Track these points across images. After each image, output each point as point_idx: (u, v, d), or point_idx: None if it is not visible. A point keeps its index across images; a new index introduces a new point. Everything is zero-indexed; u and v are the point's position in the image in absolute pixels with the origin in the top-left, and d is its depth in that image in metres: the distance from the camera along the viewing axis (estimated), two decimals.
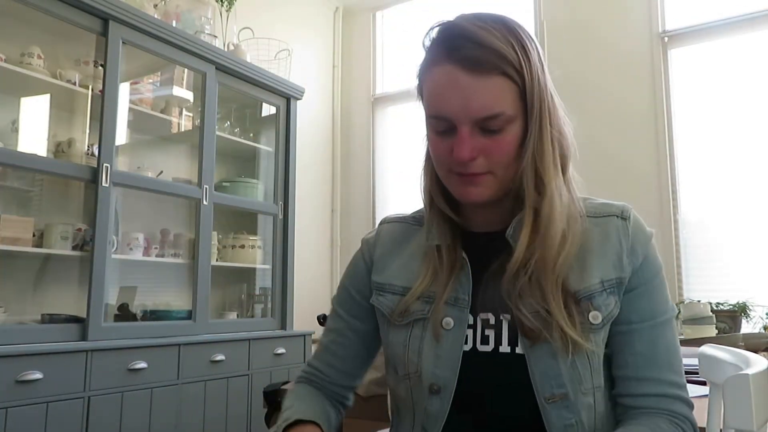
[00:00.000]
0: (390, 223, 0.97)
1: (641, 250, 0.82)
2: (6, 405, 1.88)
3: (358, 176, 4.19)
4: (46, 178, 2.41)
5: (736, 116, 3.01)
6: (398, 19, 4.25)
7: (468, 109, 0.75)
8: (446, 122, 0.78)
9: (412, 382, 0.84)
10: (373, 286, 0.91)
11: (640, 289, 0.82)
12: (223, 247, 3.07)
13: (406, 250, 0.91)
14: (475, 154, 0.77)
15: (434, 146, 0.82)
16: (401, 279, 0.89)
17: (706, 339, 1.93)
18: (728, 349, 0.93)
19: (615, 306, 0.80)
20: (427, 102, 0.80)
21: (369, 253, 0.95)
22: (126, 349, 2.26)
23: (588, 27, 3.42)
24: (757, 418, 0.69)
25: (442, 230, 0.86)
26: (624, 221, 0.83)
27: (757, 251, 2.89)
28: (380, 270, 0.92)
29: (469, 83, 0.75)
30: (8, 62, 2.22)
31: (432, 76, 0.79)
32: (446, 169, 0.81)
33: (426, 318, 0.84)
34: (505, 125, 0.77)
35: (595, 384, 0.79)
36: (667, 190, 3.13)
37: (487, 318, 0.82)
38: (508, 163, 0.79)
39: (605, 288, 0.80)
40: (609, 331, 0.81)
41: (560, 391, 0.77)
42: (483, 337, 0.82)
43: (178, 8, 2.89)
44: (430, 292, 0.85)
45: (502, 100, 0.76)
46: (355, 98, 4.29)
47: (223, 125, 3.11)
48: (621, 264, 0.81)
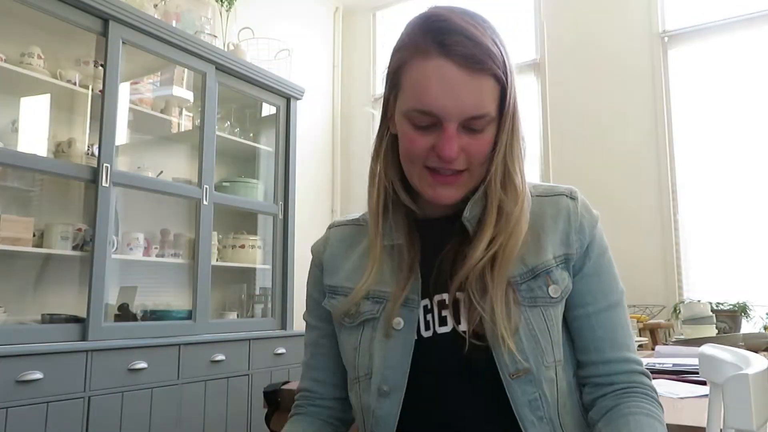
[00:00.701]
0: (339, 226, 0.97)
1: (588, 231, 0.84)
2: (6, 405, 1.88)
3: (358, 176, 4.19)
4: (46, 178, 2.41)
5: (735, 116, 3.01)
6: (398, 19, 4.25)
7: (459, 107, 0.74)
8: (431, 118, 0.76)
9: (362, 386, 0.83)
10: (326, 290, 0.91)
11: (590, 270, 0.84)
12: (223, 247, 3.07)
13: (356, 252, 0.90)
14: (460, 153, 0.77)
15: (411, 141, 0.78)
16: (352, 281, 0.87)
17: (706, 339, 1.93)
18: (728, 349, 0.93)
19: (569, 281, 0.82)
20: (412, 94, 0.77)
21: (318, 258, 0.95)
22: (126, 349, 2.26)
23: (588, 27, 3.42)
24: (757, 418, 0.69)
25: (401, 228, 0.85)
26: (573, 201, 0.85)
27: (757, 251, 2.89)
28: (331, 273, 0.91)
29: (462, 80, 0.73)
30: (8, 62, 2.22)
31: (420, 68, 0.75)
32: (420, 166, 0.79)
33: (376, 318, 0.83)
34: (486, 125, 0.77)
35: (557, 358, 0.80)
36: (667, 190, 3.13)
37: (443, 299, 0.82)
38: (483, 160, 0.79)
39: (557, 263, 0.82)
40: (567, 315, 0.84)
41: (524, 366, 0.77)
42: (441, 319, 0.81)
43: (178, 8, 2.90)
44: (379, 292, 0.84)
45: (489, 100, 0.76)
46: (355, 98, 4.29)
47: (223, 125, 3.11)
48: (569, 240, 0.83)
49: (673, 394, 1.16)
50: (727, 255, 2.97)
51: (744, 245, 2.93)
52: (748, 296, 2.69)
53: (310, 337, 0.96)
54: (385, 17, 4.32)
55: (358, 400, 0.85)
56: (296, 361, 2.99)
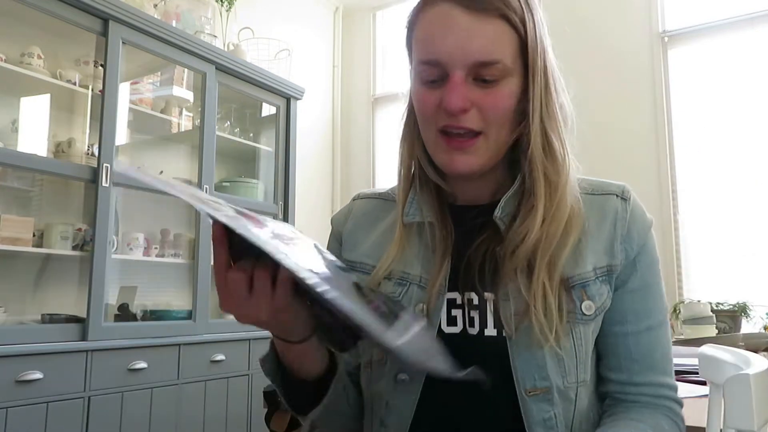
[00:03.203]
0: (364, 199, 0.90)
1: (638, 239, 0.76)
2: (6, 405, 1.88)
3: (358, 176, 4.19)
4: (46, 178, 2.41)
5: (736, 116, 3.01)
6: (398, 19, 4.23)
7: (464, 51, 0.68)
8: (438, 68, 0.70)
9: (374, 372, 0.77)
10: (344, 264, 0.84)
11: (635, 284, 0.75)
12: None
13: (380, 228, 0.84)
14: (468, 105, 0.69)
15: (421, 99, 0.73)
16: (373, 258, 0.81)
17: (706, 339, 1.93)
18: (728, 349, 0.93)
19: (608, 297, 0.74)
20: (418, 47, 0.72)
21: (338, 230, 0.88)
22: (126, 349, 2.26)
23: (588, 27, 3.42)
24: (757, 418, 0.69)
25: (431, 206, 0.78)
26: (624, 202, 0.77)
27: (757, 251, 2.89)
28: (351, 247, 0.84)
29: (467, 23, 0.68)
30: (8, 62, 2.22)
31: (425, 16, 0.71)
32: (434, 129, 0.73)
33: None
34: (501, 76, 0.69)
35: (580, 379, 0.73)
36: (667, 190, 3.13)
37: (471, 298, 0.75)
38: (503, 121, 0.71)
39: (597, 276, 0.74)
40: (601, 330, 0.76)
41: (543, 384, 0.71)
42: (470, 319, 0.74)
43: (178, 8, 2.89)
44: (402, 273, 0.77)
45: (502, 46, 0.69)
46: (355, 98, 4.29)
47: (223, 125, 3.11)
48: (613, 250, 0.75)
49: None
50: (727, 255, 2.96)
51: (744, 245, 2.92)
52: (748, 296, 2.69)
53: None
54: (385, 17, 4.32)
55: (367, 386, 0.79)
56: None
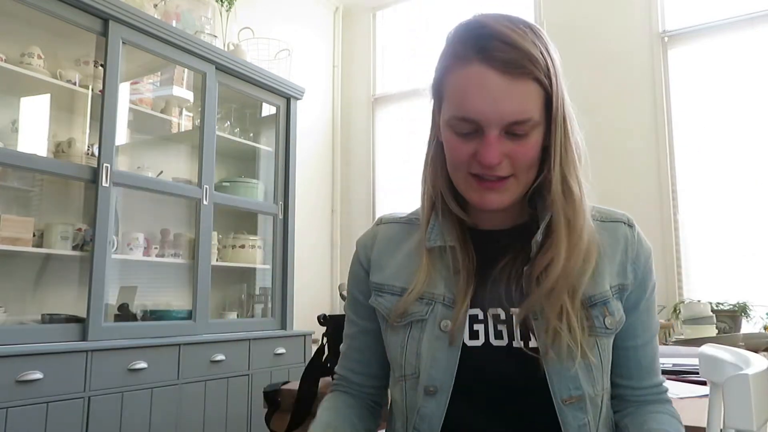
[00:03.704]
0: (388, 224, 0.96)
1: (644, 263, 0.85)
2: (6, 405, 1.88)
3: (358, 176, 4.19)
4: (46, 178, 2.41)
5: (736, 116, 3.01)
6: (398, 19, 4.25)
7: (499, 113, 0.73)
8: (472, 124, 0.75)
9: (408, 384, 0.84)
10: (372, 287, 0.90)
11: (643, 303, 0.85)
12: (223, 247, 3.07)
13: (404, 251, 0.90)
14: (502, 159, 0.76)
15: (454, 148, 0.79)
16: (400, 280, 0.87)
17: (706, 339, 1.93)
18: (728, 349, 0.93)
19: (622, 312, 0.83)
20: (452, 102, 0.77)
21: (366, 255, 0.94)
22: (126, 349, 2.26)
23: (588, 27, 3.42)
24: (757, 418, 0.69)
25: (453, 232, 0.85)
26: (631, 229, 0.86)
27: (757, 251, 2.89)
28: (378, 270, 0.91)
29: (502, 86, 0.73)
30: (8, 62, 2.22)
31: (459, 75, 0.76)
32: (464, 172, 0.80)
33: (425, 320, 0.83)
34: (530, 130, 0.76)
35: (605, 386, 0.82)
36: (667, 190, 3.13)
37: (497, 313, 0.81)
38: (529, 167, 0.79)
39: (613, 294, 0.82)
40: (614, 344, 0.84)
41: (577, 393, 0.78)
42: (496, 332, 0.81)
43: (178, 8, 2.89)
44: (428, 293, 0.84)
45: (532, 105, 0.74)
46: (355, 98, 4.29)
47: (223, 125, 3.11)
48: (625, 271, 0.83)
49: (673, 395, 1.16)
50: (727, 255, 2.97)
51: (744, 245, 2.93)
52: (748, 296, 2.69)
53: (349, 330, 0.97)
54: (385, 17, 4.32)
55: (403, 399, 0.85)
56: (296, 361, 2.99)
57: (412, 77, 4.05)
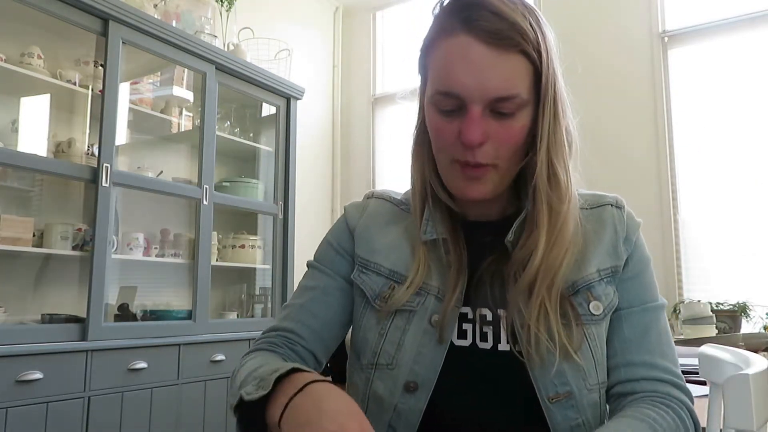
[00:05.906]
0: (378, 199, 0.90)
1: (634, 238, 0.80)
2: (6, 405, 1.88)
3: (358, 176, 4.19)
4: (46, 178, 2.41)
5: (736, 116, 3.01)
6: (398, 19, 4.25)
7: (483, 87, 0.68)
8: (455, 100, 0.71)
9: (377, 374, 0.78)
10: (357, 261, 0.85)
11: (630, 276, 0.79)
12: (223, 247, 3.07)
13: (393, 232, 0.85)
14: (485, 138, 0.71)
15: (438, 128, 0.74)
16: (389, 261, 0.82)
17: (706, 339, 1.93)
18: (728, 349, 0.93)
19: (614, 295, 0.77)
20: (435, 76, 0.72)
21: (352, 221, 0.88)
22: (126, 349, 2.26)
23: (588, 27, 3.42)
24: (757, 418, 0.69)
25: (444, 223, 0.80)
26: (619, 210, 0.82)
27: (757, 251, 2.89)
28: (365, 244, 0.85)
29: (487, 57, 0.68)
30: (8, 62, 2.22)
31: (443, 47, 0.71)
32: (449, 158, 0.75)
33: (413, 311, 0.78)
34: (517, 110, 0.71)
35: (600, 380, 0.75)
36: (667, 190, 3.13)
37: (484, 314, 0.78)
38: (514, 153, 0.73)
39: (602, 277, 0.77)
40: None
41: (564, 389, 0.72)
42: (482, 334, 0.77)
43: (178, 8, 2.89)
44: (424, 285, 0.79)
45: (519, 80, 0.69)
46: (355, 98, 4.29)
47: (223, 125, 3.11)
48: (616, 252, 0.79)
49: None
50: (727, 255, 2.96)
51: (744, 245, 2.92)
52: (748, 296, 2.69)
53: (318, 282, 0.87)
54: (385, 17, 4.32)
55: (367, 387, 0.79)
56: None
57: (412, 77, 4.05)
